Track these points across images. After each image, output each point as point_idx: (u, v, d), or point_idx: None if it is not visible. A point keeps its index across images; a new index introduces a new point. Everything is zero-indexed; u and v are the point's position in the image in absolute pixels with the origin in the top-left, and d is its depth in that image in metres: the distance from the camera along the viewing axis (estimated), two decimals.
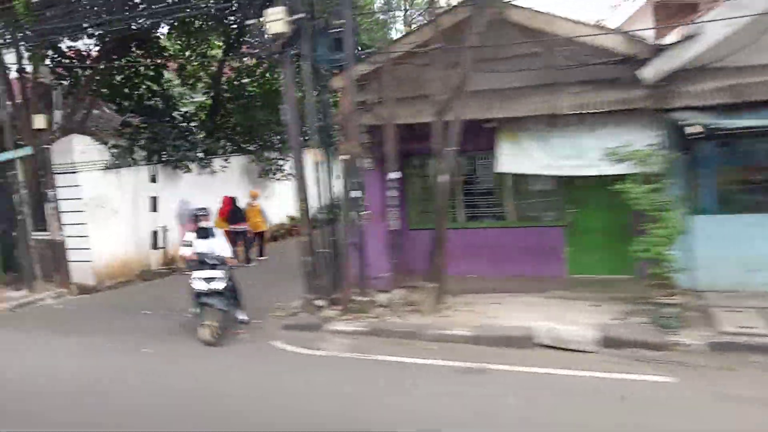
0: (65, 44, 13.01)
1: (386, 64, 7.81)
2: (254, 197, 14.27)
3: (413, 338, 7.20)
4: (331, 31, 7.80)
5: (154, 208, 13.32)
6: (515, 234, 9.51)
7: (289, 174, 17.76)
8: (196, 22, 14.64)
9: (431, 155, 7.99)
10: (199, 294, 7.52)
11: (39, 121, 10.81)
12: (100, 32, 11.81)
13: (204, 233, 7.89)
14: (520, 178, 9.17)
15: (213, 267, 7.62)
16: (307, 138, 8.67)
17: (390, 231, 8.05)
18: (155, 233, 13.27)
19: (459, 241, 9.19)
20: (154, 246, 13.25)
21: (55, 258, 11.32)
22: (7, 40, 9.93)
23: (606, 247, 8.92)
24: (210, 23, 15.35)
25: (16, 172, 10.71)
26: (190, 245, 7.81)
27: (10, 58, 10.61)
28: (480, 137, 8.16)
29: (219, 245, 7.88)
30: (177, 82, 17.15)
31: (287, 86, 8.25)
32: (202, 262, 7.64)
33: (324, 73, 8.42)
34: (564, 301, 8.01)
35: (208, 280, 7.51)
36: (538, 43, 7.62)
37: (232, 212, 13.47)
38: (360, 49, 11.53)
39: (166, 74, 16.48)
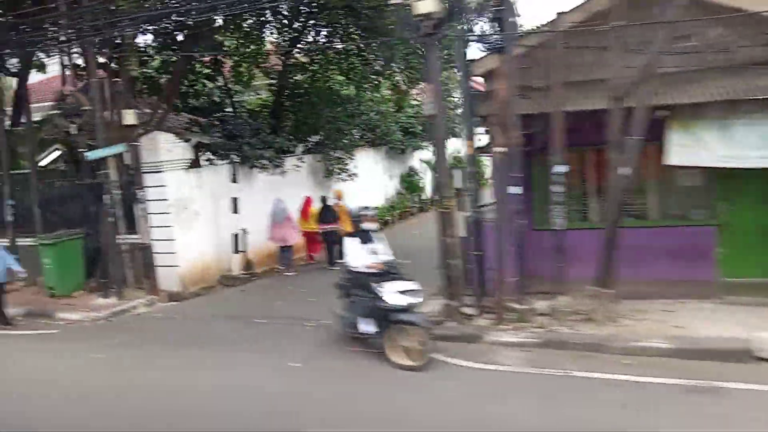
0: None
1: (549, 45, 7.05)
2: (339, 197, 13.60)
3: (598, 351, 6.48)
4: (488, 8, 7.04)
5: (235, 210, 12.59)
6: (659, 234, 8.68)
7: (353, 174, 17.13)
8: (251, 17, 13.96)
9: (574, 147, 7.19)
10: (388, 310, 6.37)
11: (129, 117, 10.08)
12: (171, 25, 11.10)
13: (366, 237, 6.99)
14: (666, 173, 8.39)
15: (396, 276, 6.66)
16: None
17: (555, 232, 7.28)
18: (236, 236, 12.53)
19: (593, 243, 8.42)
20: (236, 249, 12.51)
21: (145, 263, 10.58)
22: (99, 32, 9.18)
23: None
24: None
25: (108, 171, 9.97)
26: (363, 252, 6.83)
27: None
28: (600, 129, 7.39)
29: (383, 249, 7.05)
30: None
31: (433, 72, 7.50)
32: (386, 272, 6.66)
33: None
34: (743, 308, 7.26)
35: (404, 292, 6.45)
36: (717, 20, 6.86)
37: (323, 212, 12.91)
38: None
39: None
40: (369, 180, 18.88)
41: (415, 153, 22.87)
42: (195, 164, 11.76)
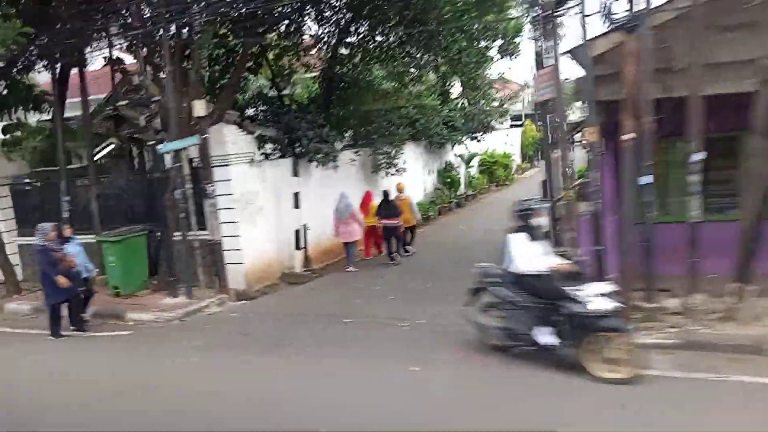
0: None
1: (685, 20, 6.50)
2: (401, 190, 13.16)
3: (754, 353, 5.94)
4: None
5: (297, 205, 12.08)
6: None
7: (402, 168, 16.62)
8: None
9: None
10: (589, 317, 5.54)
11: (199, 108, 9.57)
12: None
13: (535, 234, 6.15)
14: None
15: (585, 278, 6.01)
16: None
17: (689, 225, 6.73)
18: (298, 232, 12.03)
19: (722, 236, 7.86)
20: (298, 246, 12.01)
21: (214, 260, 10.08)
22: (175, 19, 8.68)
23: None
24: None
25: (180, 164, 9.47)
26: (537, 252, 6.04)
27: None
28: (730, 114, 6.88)
29: (547, 247, 6.31)
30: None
31: (552, 53, 6.98)
32: (575, 273, 5.96)
33: None
34: None
35: (603, 295, 5.63)
36: None
37: (384, 206, 12.44)
38: None
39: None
40: (409, 175, 18.38)
41: (450, 148, 22.37)
42: (257, 158, 11.26)
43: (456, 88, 21.66)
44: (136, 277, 10.29)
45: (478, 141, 22.46)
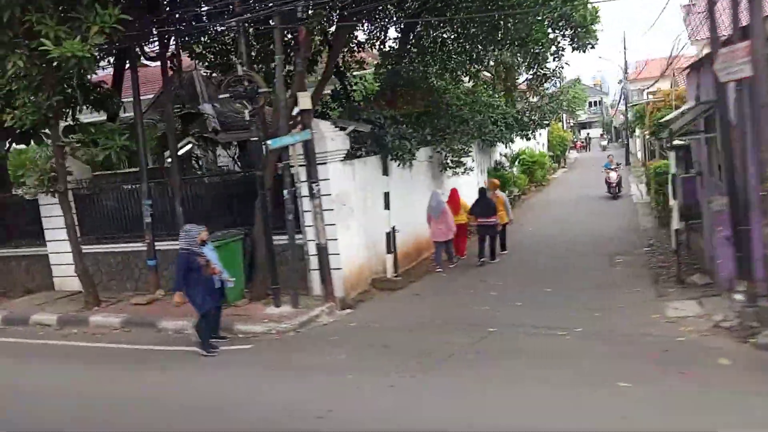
0: None
1: None
2: (494, 187, 12.78)
3: None
4: None
5: (387, 206, 11.35)
6: None
7: (469, 168, 15.94)
8: None
9: None
10: None
11: (304, 101, 8.84)
12: None
13: None
14: None
15: None
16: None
17: None
18: (389, 234, 11.29)
19: None
20: (389, 250, 11.27)
21: (321, 266, 9.34)
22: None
23: None
24: None
25: (288, 162, 8.74)
26: None
27: None
28: None
29: None
30: None
31: (754, 24, 6.19)
32: None
33: None
34: None
35: None
36: None
37: (480, 203, 11.97)
38: None
39: None
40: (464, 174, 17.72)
41: (498, 147, 21.73)
42: (350, 155, 10.55)
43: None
44: (234, 285, 9.50)
45: (529, 139, 21.89)
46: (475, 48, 15.60)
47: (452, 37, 15.17)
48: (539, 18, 13.93)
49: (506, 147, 21.19)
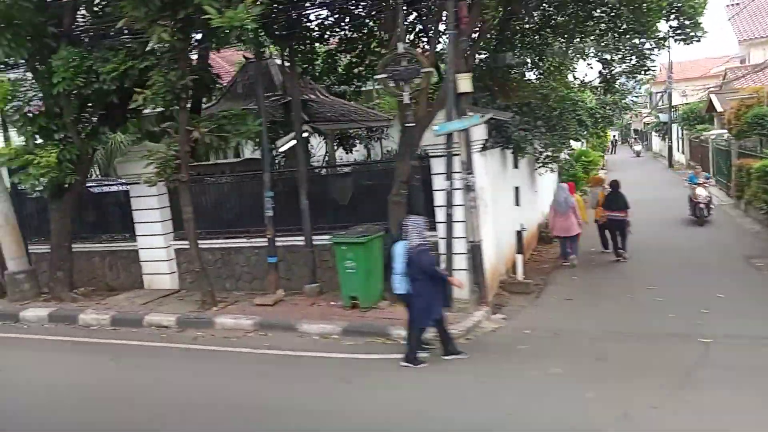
0: None
1: None
2: (598, 183, 12.75)
3: None
4: None
5: (518, 201, 10.56)
6: None
7: (560, 161, 15.19)
8: None
9: None
10: None
11: (464, 83, 8.03)
12: None
13: None
14: None
15: None
16: None
17: None
18: (519, 233, 10.47)
19: None
20: (519, 249, 10.44)
21: (474, 267, 8.51)
22: None
23: None
24: None
25: (451, 151, 7.91)
26: None
27: None
28: None
29: None
30: None
31: None
32: None
33: None
34: None
35: None
36: None
37: (612, 198, 11.47)
38: None
39: None
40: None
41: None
42: (486, 146, 9.73)
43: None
44: (374, 285, 8.70)
45: (599, 137, 21.11)
46: (557, 40, 14.78)
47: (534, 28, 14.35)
48: (652, 6, 13.12)
49: (581, 143, 20.40)
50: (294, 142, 10.16)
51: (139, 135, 14.40)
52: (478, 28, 8.93)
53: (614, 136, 65.05)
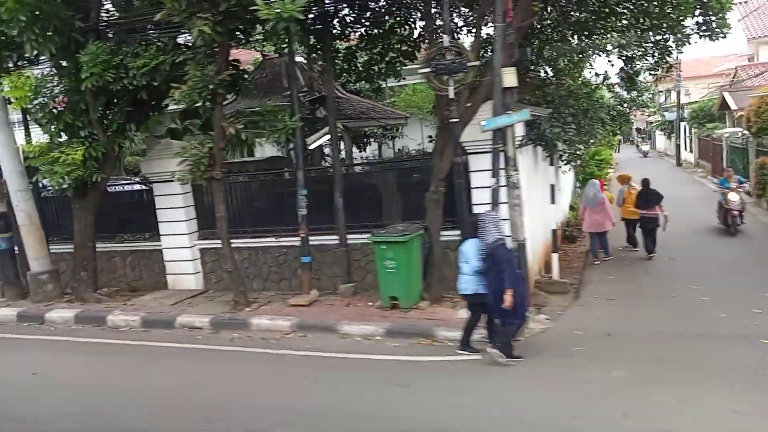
0: None
1: None
2: (626, 180, 12.21)
3: None
4: None
5: (553, 200, 10.37)
6: None
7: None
8: None
9: None
10: None
11: (509, 77, 7.81)
12: None
13: None
14: None
15: None
16: None
17: None
18: (555, 232, 10.28)
19: None
20: (555, 248, 10.25)
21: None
22: None
23: None
24: None
25: (500, 146, 7.71)
26: None
27: None
28: None
29: None
30: None
31: None
32: None
33: None
34: None
35: None
36: None
37: (644, 195, 11.37)
38: None
39: None
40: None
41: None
42: (522, 143, 9.53)
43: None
44: (414, 285, 8.50)
45: (615, 134, 20.94)
46: (592, 35, 14.58)
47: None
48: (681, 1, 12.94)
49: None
50: (327, 137, 9.95)
51: (155, 134, 14.21)
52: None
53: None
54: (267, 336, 8.22)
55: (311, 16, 9.13)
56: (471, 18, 11.49)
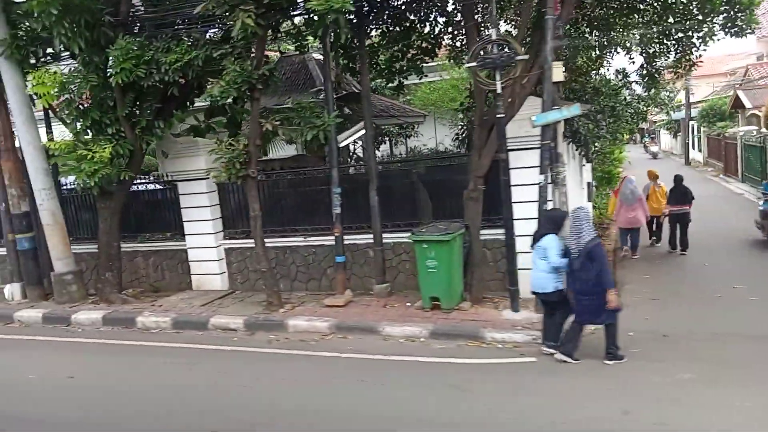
0: None
1: None
2: (655, 177, 12.08)
3: None
4: None
5: (590, 197, 10.20)
6: None
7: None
8: None
9: None
10: None
11: (558, 72, 7.63)
12: None
13: None
14: None
15: None
16: None
17: None
18: None
19: None
20: None
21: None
22: None
23: None
24: None
25: (549, 143, 7.51)
26: None
27: None
28: None
29: None
30: None
31: None
32: None
33: None
34: None
35: None
36: None
37: (676, 192, 11.43)
38: None
39: None
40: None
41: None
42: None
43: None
44: (456, 285, 8.30)
45: (631, 133, 20.82)
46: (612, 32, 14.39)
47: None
48: None
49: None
50: (361, 133, 9.74)
51: (172, 132, 13.97)
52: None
53: None
54: (305, 337, 8.01)
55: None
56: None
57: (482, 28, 9.48)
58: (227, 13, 7.07)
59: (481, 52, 7.48)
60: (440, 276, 8.07)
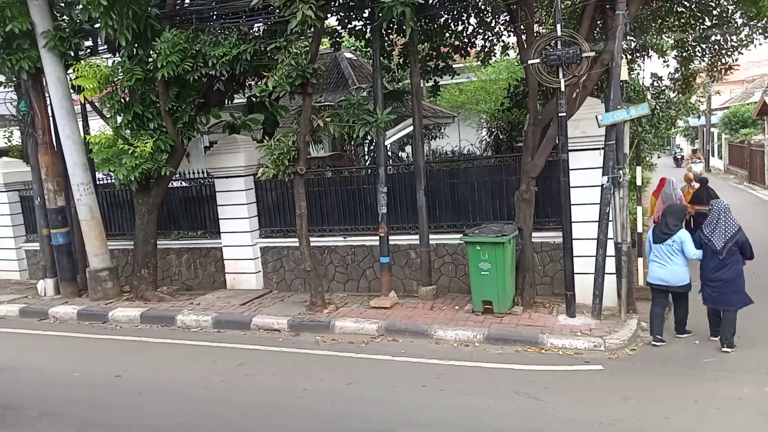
0: None
1: None
2: (690, 180, 11.90)
3: None
4: None
5: (639, 201, 9.94)
6: None
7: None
8: None
9: None
10: None
11: (623, 70, 7.40)
12: None
13: None
14: None
15: None
16: None
17: None
18: (640, 235, 9.84)
19: None
20: (640, 252, 9.80)
21: (617, 270, 7.85)
22: None
23: None
24: None
25: (612, 142, 7.29)
26: None
27: None
28: None
29: None
30: None
31: None
32: None
33: None
34: None
35: None
36: None
37: (702, 193, 11.15)
38: None
39: None
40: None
41: None
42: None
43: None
44: (509, 289, 8.06)
45: (661, 138, 20.47)
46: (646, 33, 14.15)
47: None
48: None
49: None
50: (410, 129, 9.53)
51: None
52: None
53: None
54: (354, 339, 7.80)
55: None
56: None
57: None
58: (287, 5, 6.87)
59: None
60: (493, 279, 7.83)
